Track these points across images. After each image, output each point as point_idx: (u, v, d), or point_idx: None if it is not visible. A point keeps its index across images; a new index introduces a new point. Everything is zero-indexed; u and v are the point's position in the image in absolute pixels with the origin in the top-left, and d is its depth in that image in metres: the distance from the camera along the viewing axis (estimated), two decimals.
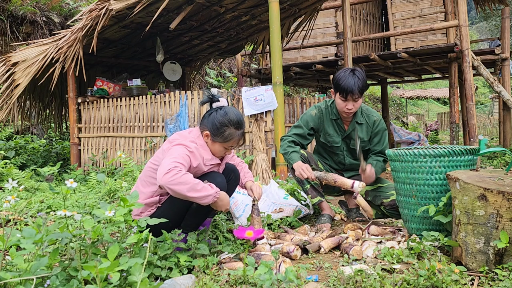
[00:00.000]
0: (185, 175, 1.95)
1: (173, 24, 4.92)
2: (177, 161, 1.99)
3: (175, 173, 1.92)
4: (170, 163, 1.97)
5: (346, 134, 2.86)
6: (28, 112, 6.81)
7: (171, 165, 1.95)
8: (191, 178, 1.97)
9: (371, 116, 2.86)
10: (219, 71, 12.15)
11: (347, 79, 2.61)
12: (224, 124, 2.17)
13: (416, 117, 21.10)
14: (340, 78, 2.65)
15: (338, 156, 2.93)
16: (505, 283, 1.64)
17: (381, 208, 2.82)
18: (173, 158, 2.01)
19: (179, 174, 1.93)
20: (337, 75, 2.69)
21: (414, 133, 9.43)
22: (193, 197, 1.96)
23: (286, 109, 7.12)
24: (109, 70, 6.86)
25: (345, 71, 2.67)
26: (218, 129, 2.17)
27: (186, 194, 1.93)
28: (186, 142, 2.13)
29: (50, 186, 1.88)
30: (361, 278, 1.68)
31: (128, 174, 4.54)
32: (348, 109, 2.68)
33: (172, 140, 2.18)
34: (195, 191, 1.95)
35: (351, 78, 2.61)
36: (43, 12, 8.70)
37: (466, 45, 5.72)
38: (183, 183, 1.92)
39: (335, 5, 7.26)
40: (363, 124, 2.84)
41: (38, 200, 3.67)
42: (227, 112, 2.20)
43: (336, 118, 2.83)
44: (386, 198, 2.75)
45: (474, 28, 31.38)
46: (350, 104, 2.67)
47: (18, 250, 1.46)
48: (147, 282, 1.38)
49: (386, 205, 2.75)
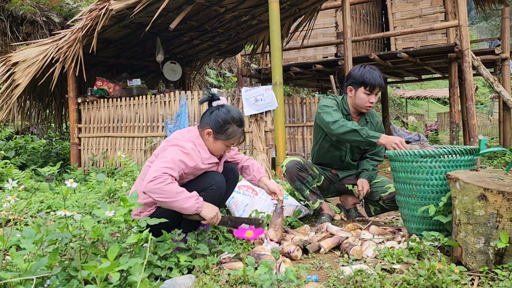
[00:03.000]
0: (169, 184, 1.93)
1: (173, 24, 4.92)
2: (166, 167, 1.97)
3: (161, 181, 1.92)
4: (157, 169, 1.95)
5: None
6: (28, 112, 6.82)
7: (157, 173, 1.93)
8: (175, 187, 1.95)
9: (375, 116, 2.95)
10: (219, 71, 12.15)
11: (371, 74, 2.67)
12: (227, 121, 2.17)
13: (416, 117, 21.10)
14: (364, 73, 2.69)
15: (340, 152, 2.93)
16: (505, 283, 1.64)
17: (379, 203, 2.84)
18: (162, 163, 1.99)
19: (164, 182, 1.92)
20: (357, 71, 2.73)
21: (414, 133, 9.45)
22: (174, 206, 1.96)
23: (286, 109, 7.14)
24: (109, 70, 6.86)
25: (364, 67, 2.73)
26: (221, 127, 2.17)
27: (166, 202, 1.94)
28: (182, 143, 2.11)
29: (50, 186, 1.88)
30: (361, 278, 1.68)
31: (128, 174, 4.54)
32: (371, 102, 2.75)
33: (170, 139, 2.17)
34: (176, 201, 1.94)
35: (375, 72, 2.69)
36: (43, 12, 8.70)
37: (466, 45, 5.72)
38: (166, 192, 1.91)
39: (335, 5, 7.26)
40: (369, 122, 2.90)
41: (38, 200, 3.67)
42: (229, 110, 2.21)
43: (347, 114, 2.85)
44: (384, 192, 2.78)
45: (474, 28, 31.37)
46: (373, 97, 2.74)
47: (18, 250, 1.46)
48: (147, 282, 1.38)
49: (385, 199, 2.77)
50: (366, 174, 2.88)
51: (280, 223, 2.31)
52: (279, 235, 2.29)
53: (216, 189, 2.19)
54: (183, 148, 2.09)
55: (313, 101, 7.00)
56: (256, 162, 2.52)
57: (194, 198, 2.00)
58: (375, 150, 2.93)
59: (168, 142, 2.14)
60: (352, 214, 3.05)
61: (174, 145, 2.10)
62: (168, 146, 2.10)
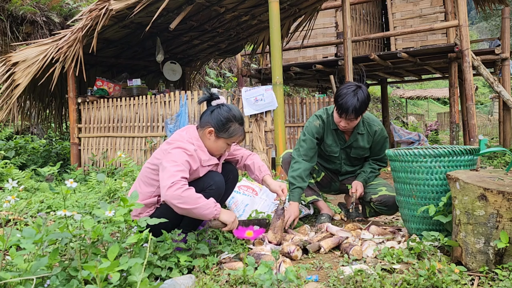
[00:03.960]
0: (187, 190, 1.95)
1: (173, 24, 4.92)
2: (179, 170, 1.98)
3: (179, 187, 1.93)
4: (172, 174, 1.95)
5: (347, 144, 2.83)
6: (28, 112, 6.82)
7: (174, 178, 1.94)
8: (193, 192, 1.97)
9: (372, 125, 2.80)
10: (219, 71, 12.15)
11: (346, 98, 2.51)
12: (230, 119, 2.18)
13: (416, 117, 21.10)
14: (340, 94, 2.56)
15: (335, 165, 2.94)
16: (505, 283, 1.64)
17: (370, 205, 2.84)
18: (174, 167, 1.99)
19: (182, 188, 1.93)
20: (340, 89, 2.60)
21: (414, 133, 9.44)
22: (194, 213, 1.98)
23: (286, 109, 7.14)
24: (109, 70, 6.86)
25: (348, 88, 2.56)
26: (224, 125, 2.17)
27: (186, 209, 1.94)
28: (185, 145, 2.11)
29: (50, 186, 1.88)
30: (361, 278, 1.68)
31: (128, 174, 4.54)
32: (343, 126, 2.64)
33: (171, 141, 2.16)
34: (196, 208, 1.96)
35: (351, 98, 2.51)
36: (43, 12, 8.70)
37: (466, 45, 5.72)
38: (185, 198, 1.92)
39: (335, 5, 7.26)
40: (364, 134, 2.80)
41: (38, 200, 3.67)
42: (230, 108, 2.22)
43: (336, 128, 2.79)
44: (374, 194, 2.77)
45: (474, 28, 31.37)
46: (344, 122, 2.61)
47: (18, 250, 1.46)
48: (147, 282, 1.38)
49: (374, 201, 2.76)
50: (362, 176, 2.85)
51: (280, 225, 2.29)
52: (278, 238, 2.27)
53: (216, 189, 2.19)
54: (187, 150, 2.09)
55: (313, 101, 7.00)
56: (258, 159, 2.50)
57: (213, 204, 2.02)
58: (378, 156, 2.88)
59: (169, 145, 2.13)
60: (353, 214, 3.05)
61: (177, 147, 2.09)
62: (171, 149, 2.09)
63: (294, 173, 2.69)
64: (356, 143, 2.81)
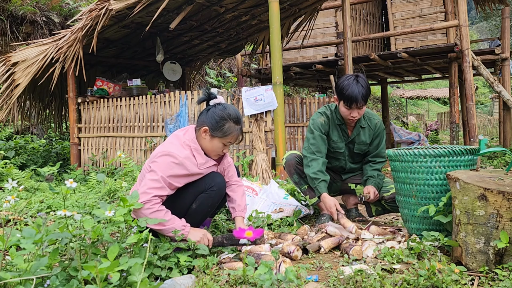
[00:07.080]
0: (155, 212, 1.96)
1: (173, 24, 4.92)
2: (153, 187, 1.99)
3: (147, 207, 1.95)
4: (145, 191, 1.97)
5: (350, 139, 2.87)
6: (28, 112, 6.82)
7: (145, 197, 1.96)
8: (162, 214, 1.98)
9: (372, 119, 2.88)
10: (219, 71, 12.15)
11: (351, 88, 2.59)
12: (223, 118, 2.14)
13: (416, 117, 21.10)
14: (344, 86, 2.63)
15: (340, 162, 2.96)
16: (505, 283, 1.64)
17: (381, 203, 2.86)
18: (150, 183, 2.00)
19: (150, 209, 1.95)
20: (340, 83, 2.67)
21: (414, 133, 9.44)
22: (161, 233, 2.01)
23: (286, 109, 7.13)
24: (109, 70, 6.86)
25: (348, 79, 2.65)
26: (217, 123, 2.13)
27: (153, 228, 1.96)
28: (175, 151, 2.06)
29: (50, 186, 1.88)
30: (361, 278, 1.68)
31: (128, 174, 4.54)
32: (353, 116, 2.69)
33: (166, 144, 2.14)
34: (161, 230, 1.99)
35: (355, 86, 2.59)
36: (43, 12, 8.70)
37: (466, 45, 5.72)
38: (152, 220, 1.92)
39: (335, 5, 7.26)
40: (365, 127, 2.86)
41: (38, 200, 3.67)
42: (225, 107, 2.19)
43: (340, 124, 2.84)
44: (386, 192, 2.80)
45: (474, 28, 31.37)
46: (355, 112, 2.67)
47: (18, 250, 1.46)
48: (147, 282, 1.38)
49: (387, 199, 2.79)
50: (372, 181, 2.84)
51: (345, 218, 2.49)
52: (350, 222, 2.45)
53: (217, 190, 2.19)
54: (175, 158, 2.05)
55: (313, 101, 6.99)
56: (244, 192, 2.42)
57: (180, 227, 2.02)
58: (376, 151, 2.90)
59: (162, 147, 2.11)
60: (353, 214, 3.05)
61: (165, 154, 2.06)
62: (158, 157, 2.06)
63: (315, 169, 2.72)
64: (358, 138, 2.85)
